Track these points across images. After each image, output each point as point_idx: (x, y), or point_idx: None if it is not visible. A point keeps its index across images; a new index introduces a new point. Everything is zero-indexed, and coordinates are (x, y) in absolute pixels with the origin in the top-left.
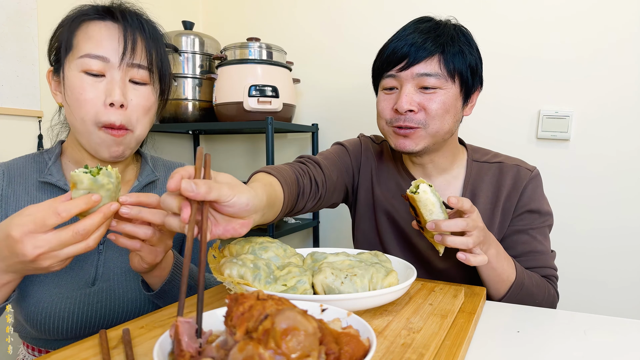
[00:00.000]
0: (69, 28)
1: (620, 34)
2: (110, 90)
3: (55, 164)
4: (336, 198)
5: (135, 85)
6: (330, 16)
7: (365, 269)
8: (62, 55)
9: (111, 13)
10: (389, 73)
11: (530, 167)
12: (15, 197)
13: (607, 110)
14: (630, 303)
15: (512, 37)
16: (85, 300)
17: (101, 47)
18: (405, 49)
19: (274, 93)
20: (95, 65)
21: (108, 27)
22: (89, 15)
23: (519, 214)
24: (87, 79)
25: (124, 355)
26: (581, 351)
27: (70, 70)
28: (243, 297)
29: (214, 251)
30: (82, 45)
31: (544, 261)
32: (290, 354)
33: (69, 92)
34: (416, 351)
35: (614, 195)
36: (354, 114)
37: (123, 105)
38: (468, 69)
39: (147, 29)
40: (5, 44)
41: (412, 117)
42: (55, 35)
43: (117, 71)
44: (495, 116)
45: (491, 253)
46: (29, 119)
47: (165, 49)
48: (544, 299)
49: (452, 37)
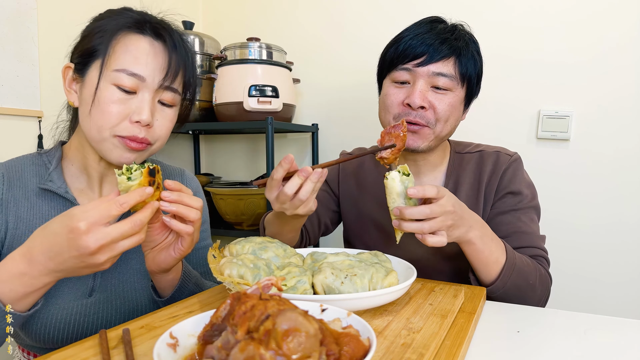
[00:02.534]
0: (106, 36)
1: (620, 34)
2: (140, 109)
3: (56, 169)
4: (334, 224)
5: (162, 107)
6: (330, 16)
7: (365, 269)
8: (91, 60)
9: (155, 30)
10: (404, 66)
11: (510, 152)
12: (15, 202)
13: (607, 110)
14: (630, 301)
15: (513, 37)
16: (82, 312)
17: (139, 64)
18: (423, 47)
19: (274, 93)
20: (129, 82)
21: (150, 45)
22: (130, 27)
23: (500, 196)
24: (117, 92)
25: (124, 355)
26: (581, 351)
27: (97, 78)
28: (245, 297)
29: (214, 251)
30: (119, 57)
31: (530, 241)
32: (291, 354)
33: (91, 99)
34: (416, 351)
35: (613, 195)
36: (354, 113)
37: (149, 125)
38: (476, 76)
39: (189, 54)
40: (5, 44)
41: (423, 114)
42: (86, 36)
43: (149, 92)
44: (496, 116)
45: (474, 234)
46: (29, 119)
47: (197, 74)
48: (537, 279)
49: (466, 42)
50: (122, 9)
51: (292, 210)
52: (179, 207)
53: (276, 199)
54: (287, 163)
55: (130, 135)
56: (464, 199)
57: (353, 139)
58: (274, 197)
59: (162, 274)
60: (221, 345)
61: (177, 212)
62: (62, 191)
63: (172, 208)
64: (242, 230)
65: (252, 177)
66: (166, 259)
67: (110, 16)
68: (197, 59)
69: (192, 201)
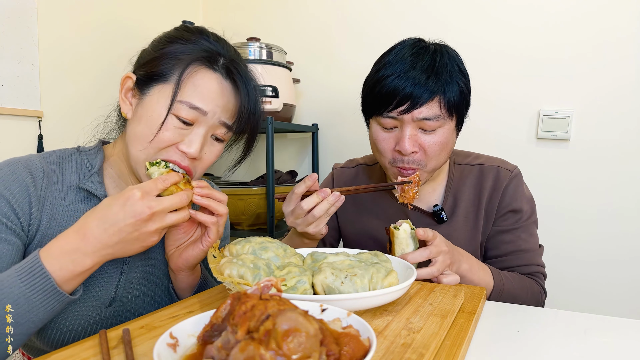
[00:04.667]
0: (179, 65)
1: (620, 34)
2: (191, 141)
3: (98, 171)
4: (337, 241)
5: (213, 141)
6: (330, 16)
7: (365, 269)
8: (156, 82)
9: (227, 68)
10: (390, 114)
11: (510, 167)
12: (51, 199)
13: (607, 111)
14: (630, 301)
15: (513, 37)
16: (100, 322)
17: (205, 100)
18: (407, 90)
19: (274, 93)
20: (190, 114)
21: (219, 84)
22: (203, 61)
23: (501, 214)
24: (175, 121)
25: (124, 355)
26: (581, 351)
27: (158, 102)
28: (245, 297)
29: (213, 251)
30: (185, 90)
31: (529, 259)
32: (291, 355)
33: (146, 120)
34: (416, 351)
35: (613, 196)
36: (354, 113)
37: (195, 158)
38: (464, 102)
39: (257, 98)
40: (5, 44)
41: (413, 158)
42: (157, 57)
43: (207, 126)
44: (495, 116)
45: (464, 268)
46: (29, 119)
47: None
48: (528, 299)
49: (450, 72)
50: (198, 31)
51: (303, 226)
52: (209, 201)
53: (291, 212)
54: (311, 181)
55: (174, 160)
56: (464, 214)
57: (353, 139)
58: (289, 210)
59: (186, 272)
60: (221, 345)
61: (208, 205)
62: (101, 194)
63: (204, 202)
64: (242, 230)
65: (252, 177)
66: (194, 253)
67: (185, 40)
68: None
69: (220, 196)
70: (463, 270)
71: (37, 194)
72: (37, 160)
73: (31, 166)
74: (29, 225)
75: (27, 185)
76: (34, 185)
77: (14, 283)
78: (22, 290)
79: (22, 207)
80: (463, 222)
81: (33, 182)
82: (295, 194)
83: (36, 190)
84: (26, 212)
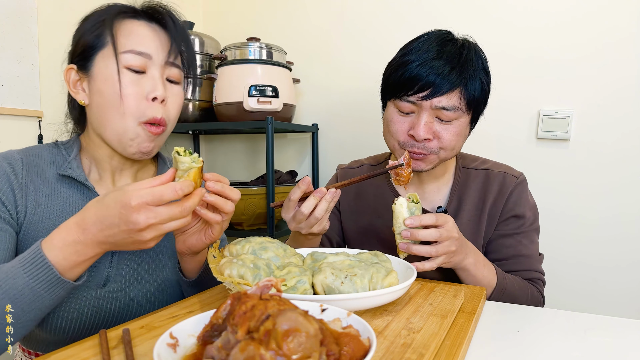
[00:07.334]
0: (104, 24)
1: (620, 34)
2: (153, 85)
3: (75, 158)
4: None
5: (170, 84)
6: (330, 16)
7: (365, 269)
8: (94, 53)
9: (148, 14)
10: (409, 98)
11: (516, 173)
12: (33, 186)
13: (607, 110)
14: (630, 301)
15: (513, 37)
16: (95, 302)
17: (143, 44)
18: (430, 78)
19: (274, 93)
20: (137, 61)
21: (148, 27)
22: (126, 13)
23: (504, 219)
24: (129, 74)
25: (124, 355)
26: (581, 351)
27: (106, 67)
28: (246, 297)
29: (214, 251)
30: (122, 41)
31: (529, 264)
32: (291, 355)
33: (105, 88)
34: (416, 351)
35: (613, 196)
36: (354, 113)
37: (164, 101)
38: (483, 98)
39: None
40: (5, 44)
41: (427, 144)
42: (82, 32)
43: (157, 68)
44: (496, 116)
45: (469, 262)
46: (29, 119)
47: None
48: (527, 302)
49: (474, 68)
50: (107, 4)
51: (307, 229)
52: (217, 199)
53: (293, 218)
54: (305, 185)
55: (151, 117)
56: (467, 216)
57: (353, 139)
58: (290, 217)
59: (191, 256)
60: (221, 345)
61: (215, 202)
62: (82, 178)
63: (211, 199)
64: (242, 230)
65: (252, 177)
66: (197, 243)
67: (98, 9)
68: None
69: (232, 193)
70: (467, 263)
71: (18, 182)
72: (16, 152)
73: (10, 158)
74: (17, 212)
75: (7, 174)
76: (14, 174)
77: (17, 274)
78: (26, 281)
79: (7, 196)
80: (466, 225)
81: (13, 171)
82: (292, 201)
83: (17, 179)
84: (11, 200)
